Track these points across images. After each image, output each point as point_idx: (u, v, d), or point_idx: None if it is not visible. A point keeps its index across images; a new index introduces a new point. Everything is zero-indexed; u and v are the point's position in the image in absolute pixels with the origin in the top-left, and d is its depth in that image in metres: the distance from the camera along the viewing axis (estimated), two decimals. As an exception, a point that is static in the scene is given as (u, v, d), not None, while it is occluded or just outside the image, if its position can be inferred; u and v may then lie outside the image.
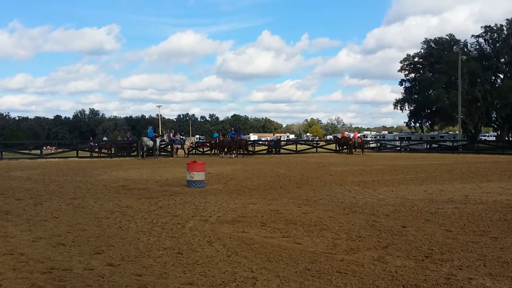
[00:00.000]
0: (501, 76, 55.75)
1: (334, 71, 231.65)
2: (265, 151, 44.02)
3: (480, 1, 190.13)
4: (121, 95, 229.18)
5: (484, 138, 70.20)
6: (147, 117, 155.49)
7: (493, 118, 57.78)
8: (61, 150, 41.32)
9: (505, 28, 52.25)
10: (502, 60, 53.94)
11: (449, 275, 5.50)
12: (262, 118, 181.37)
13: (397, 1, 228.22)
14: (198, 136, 53.36)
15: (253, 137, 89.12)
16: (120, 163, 28.68)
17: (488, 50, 54.99)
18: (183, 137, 38.78)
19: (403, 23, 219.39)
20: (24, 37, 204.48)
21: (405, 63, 60.01)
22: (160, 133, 38.36)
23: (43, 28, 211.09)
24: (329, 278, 5.44)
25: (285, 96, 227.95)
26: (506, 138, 54.70)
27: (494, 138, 65.38)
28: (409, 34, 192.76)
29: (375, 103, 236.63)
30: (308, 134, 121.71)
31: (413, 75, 60.43)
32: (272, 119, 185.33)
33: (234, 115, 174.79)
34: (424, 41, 58.31)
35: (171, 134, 37.87)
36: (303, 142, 53.28)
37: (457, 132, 55.23)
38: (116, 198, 12.17)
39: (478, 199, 11.78)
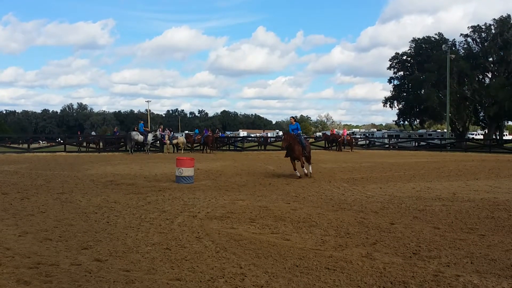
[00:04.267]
0: (489, 75, 56.25)
1: (326, 68, 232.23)
2: (255, 147, 44.08)
3: (475, 1, 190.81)
4: (111, 90, 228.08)
5: (472, 136, 70.71)
6: (136, 112, 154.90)
7: (481, 117, 58.28)
8: (48, 144, 40.84)
9: (493, 28, 52.67)
10: (490, 59, 54.47)
11: (436, 272, 5.53)
12: (252, 114, 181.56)
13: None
14: (186, 132, 53.10)
15: (242, 133, 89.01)
16: (108, 158, 28.52)
17: (476, 49, 55.41)
18: (172, 132, 38.61)
19: (398, 22, 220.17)
20: (17, 30, 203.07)
21: (394, 61, 60.30)
22: (150, 129, 38.11)
23: (37, 22, 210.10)
24: (317, 274, 5.44)
25: (276, 93, 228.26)
26: (494, 137, 55.13)
27: (481, 137, 65.90)
28: (404, 33, 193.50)
29: (366, 101, 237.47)
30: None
31: (402, 73, 60.71)
32: (262, 115, 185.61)
33: (224, 111, 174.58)
34: (412, 40, 58.63)
35: (160, 130, 37.69)
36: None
37: (445, 130, 55.64)
38: (104, 193, 12.09)
39: (465, 196, 11.86)
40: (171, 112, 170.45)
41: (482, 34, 54.01)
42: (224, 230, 7.77)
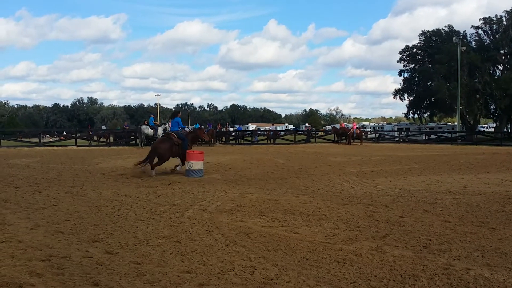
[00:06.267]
0: (501, 67, 55.80)
1: (337, 61, 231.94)
2: (264, 141, 44.26)
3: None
4: (122, 84, 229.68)
5: (483, 129, 70.26)
6: (145, 106, 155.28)
7: (492, 110, 57.84)
8: (58, 138, 41.09)
9: (504, 20, 52.15)
10: (502, 51, 53.94)
11: (447, 265, 5.51)
12: (261, 108, 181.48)
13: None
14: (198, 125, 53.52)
15: (251, 126, 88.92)
16: (119, 151, 28.65)
17: (487, 41, 54.90)
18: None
19: (412, 14, 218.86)
20: (30, 25, 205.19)
21: (405, 54, 59.93)
22: (159, 122, 38.21)
23: (50, 17, 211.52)
24: (327, 267, 5.45)
25: (286, 86, 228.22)
26: (505, 130, 54.72)
27: (492, 130, 65.41)
28: (417, 25, 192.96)
29: (376, 94, 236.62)
30: (307, 124, 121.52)
31: (412, 66, 60.33)
32: (271, 109, 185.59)
33: (233, 104, 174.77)
34: (421, 33, 58.21)
35: (169, 123, 37.80)
36: (301, 132, 53.14)
37: (456, 123, 55.26)
38: (115, 187, 12.16)
39: (476, 190, 11.79)
40: (180, 106, 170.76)
41: (494, 26, 53.53)
42: (233, 223, 7.79)
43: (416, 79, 59.61)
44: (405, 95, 60.29)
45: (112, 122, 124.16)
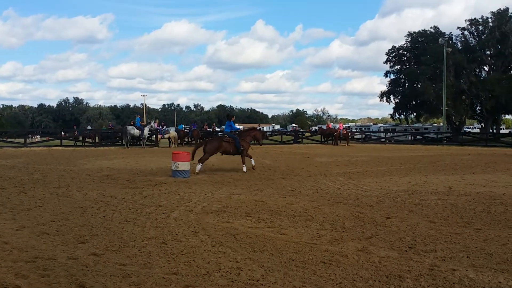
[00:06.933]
0: (486, 68, 56.32)
1: (324, 62, 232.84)
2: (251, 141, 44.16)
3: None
4: (108, 84, 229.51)
5: (468, 130, 70.88)
6: (132, 106, 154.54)
7: (478, 111, 58.34)
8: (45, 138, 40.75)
9: (490, 21, 52.64)
10: (488, 52, 54.44)
11: (432, 266, 5.55)
12: (248, 108, 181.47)
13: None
14: (183, 126, 53.11)
15: (238, 127, 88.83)
16: (104, 152, 28.49)
17: (473, 42, 55.39)
18: (164, 127, 38.76)
19: (399, 15, 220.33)
20: (16, 25, 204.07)
21: (391, 55, 60.27)
22: (145, 123, 38.06)
23: (36, 17, 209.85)
24: (313, 268, 5.46)
25: (274, 87, 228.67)
26: (490, 131, 55.23)
27: (478, 131, 66.01)
28: (404, 26, 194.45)
29: (363, 95, 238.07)
30: (293, 124, 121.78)
31: (398, 67, 60.69)
32: (258, 109, 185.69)
33: (220, 105, 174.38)
34: (408, 34, 58.60)
35: (156, 124, 37.69)
36: (288, 133, 53.18)
37: (441, 124, 55.68)
38: (100, 188, 12.09)
39: (461, 190, 11.88)
40: (167, 106, 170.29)
41: (480, 27, 54.02)
42: (220, 224, 7.78)
43: (402, 80, 59.96)
44: (391, 97, 60.61)
45: (98, 123, 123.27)
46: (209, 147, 16.17)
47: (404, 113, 61.78)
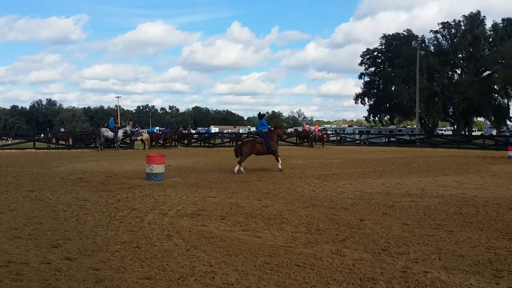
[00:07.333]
0: (458, 71, 57.29)
1: (300, 64, 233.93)
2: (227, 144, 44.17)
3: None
4: (82, 86, 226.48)
5: (441, 132, 71.87)
6: (106, 108, 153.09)
7: (450, 113, 59.30)
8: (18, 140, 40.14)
9: (462, 24, 53.54)
10: (460, 55, 55.36)
11: (405, 268, 5.60)
12: (224, 110, 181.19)
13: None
14: (157, 128, 52.69)
15: (214, 129, 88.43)
16: (78, 154, 28.14)
17: (446, 45, 56.26)
18: (137, 129, 38.48)
19: (373, 18, 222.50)
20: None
21: (366, 58, 60.86)
22: (119, 125, 37.67)
23: (9, 17, 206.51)
24: (287, 271, 5.47)
25: (249, 89, 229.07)
26: (463, 133, 56.17)
27: (451, 133, 67.07)
28: (379, 29, 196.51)
29: (338, 97, 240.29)
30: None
31: (373, 69, 61.31)
32: (234, 111, 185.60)
33: (196, 107, 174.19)
34: (382, 36, 59.29)
35: (130, 126, 37.38)
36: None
37: (415, 126, 56.42)
38: (74, 191, 11.92)
39: (434, 192, 12.04)
40: (141, 108, 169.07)
41: (452, 30, 54.89)
42: (194, 227, 7.73)
43: (377, 82, 60.59)
44: (366, 99, 61.20)
45: (72, 125, 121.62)
46: (246, 150, 17.12)
47: (379, 115, 62.44)
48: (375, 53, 60.43)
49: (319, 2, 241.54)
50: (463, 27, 53.39)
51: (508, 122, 57.89)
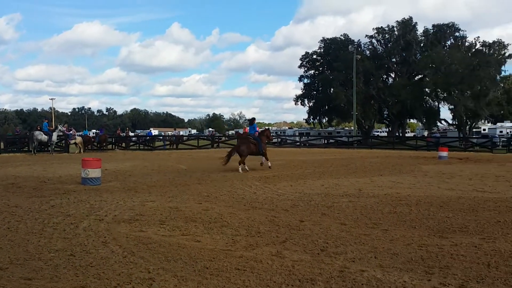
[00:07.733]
0: (393, 75, 59.03)
1: (241, 66, 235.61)
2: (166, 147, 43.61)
3: (385, 3, 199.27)
4: (15, 87, 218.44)
5: (377, 133, 74.03)
6: (39, 110, 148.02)
7: (385, 115, 61.08)
8: None
9: (396, 30, 55.25)
10: (394, 59, 57.12)
11: (342, 267, 5.68)
12: (164, 112, 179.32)
13: (309, 0, 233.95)
14: (94, 130, 51.42)
15: (153, 131, 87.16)
16: (10, 159, 27.02)
17: (380, 50, 57.91)
18: (71, 132, 37.50)
19: (313, 22, 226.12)
20: None
21: (305, 61, 61.72)
22: (54, 127, 36.43)
23: None
24: (227, 275, 5.42)
25: (190, 91, 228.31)
26: (397, 134, 57.99)
27: (386, 134, 69.14)
28: (318, 33, 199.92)
29: (279, 99, 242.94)
30: (210, 129, 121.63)
31: (312, 72, 62.25)
32: (174, 113, 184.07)
33: (134, 109, 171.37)
34: (321, 40, 60.31)
35: (65, 128, 36.26)
36: (205, 138, 53.01)
37: (352, 128, 57.75)
38: (5, 197, 11.41)
39: (370, 192, 12.34)
40: (77, 110, 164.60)
41: (386, 35, 56.49)
42: (132, 233, 7.56)
43: (316, 85, 61.57)
44: (306, 101, 62.07)
45: (3, 128, 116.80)
46: (244, 150, 18.70)
47: (318, 117, 63.48)
48: (314, 56, 61.38)
49: (259, 5, 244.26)
50: (396, 33, 55.06)
51: (439, 124, 60.21)
